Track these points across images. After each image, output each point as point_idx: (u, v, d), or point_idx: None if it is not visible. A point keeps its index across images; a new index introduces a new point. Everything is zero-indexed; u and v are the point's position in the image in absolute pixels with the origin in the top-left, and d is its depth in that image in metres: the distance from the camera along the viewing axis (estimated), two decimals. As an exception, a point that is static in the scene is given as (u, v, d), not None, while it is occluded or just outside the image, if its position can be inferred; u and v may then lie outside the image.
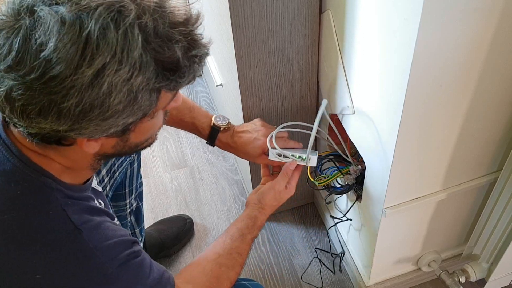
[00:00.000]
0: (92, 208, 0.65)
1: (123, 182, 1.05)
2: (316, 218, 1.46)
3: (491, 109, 0.83)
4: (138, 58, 0.49)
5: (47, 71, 0.47)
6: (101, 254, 0.61)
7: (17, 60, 0.48)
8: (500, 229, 0.94)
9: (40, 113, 0.50)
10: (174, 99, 0.61)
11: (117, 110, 0.51)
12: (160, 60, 0.51)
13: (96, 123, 0.52)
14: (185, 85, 0.57)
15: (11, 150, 0.59)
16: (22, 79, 0.48)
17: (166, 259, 1.38)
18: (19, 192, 0.59)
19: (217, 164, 1.66)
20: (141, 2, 0.50)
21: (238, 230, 0.85)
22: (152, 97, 0.53)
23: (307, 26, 0.96)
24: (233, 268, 0.80)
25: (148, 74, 0.51)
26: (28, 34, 0.48)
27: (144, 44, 0.50)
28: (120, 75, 0.49)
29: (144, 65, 0.50)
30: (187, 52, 0.53)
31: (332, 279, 1.31)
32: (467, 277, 1.07)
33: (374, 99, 0.84)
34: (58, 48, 0.47)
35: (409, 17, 0.64)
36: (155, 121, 0.61)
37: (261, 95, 1.06)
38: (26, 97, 0.49)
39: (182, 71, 0.54)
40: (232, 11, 0.88)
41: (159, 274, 0.69)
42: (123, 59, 0.49)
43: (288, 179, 0.90)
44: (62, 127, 0.51)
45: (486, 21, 0.66)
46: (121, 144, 0.60)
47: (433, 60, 0.68)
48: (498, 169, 0.97)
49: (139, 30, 0.49)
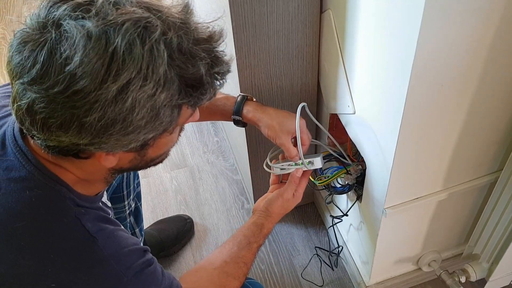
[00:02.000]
0: (104, 217, 0.65)
1: (121, 185, 1.04)
2: (316, 218, 1.46)
3: (491, 109, 0.82)
4: (163, 74, 0.49)
5: (71, 85, 0.47)
6: (116, 262, 0.61)
7: (42, 73, 0.48)
8: (501, 229, 0.94)
9: (61, 126, 0.50)
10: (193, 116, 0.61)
11: (139, 126, 0.51)
12: (184, 77, 0.51)
13: (117, 138, 0.51)
14: (206, 102, 0.57)
15: (27, 157, 0.59)
16: (46, 92, 0.48)
17: (166, 258, 1.38)
18: (34, 200, 0.58)
19: (217, 164, 1.66)
20: (166, 18, 0.51)
21: (245, 238, 0.84)
22: (173, 113, 0.54)
23: (307, 25, 0.96)
24: (238, 278, 0.80)
25: (172, 90, 0.51)
26: (54, 48, 0.48)
27: (169, 60, 0.50)
28: (145, 91, 0.49)
29: (169, 81, 0.50)
30: (210, 69, 0.54)
31: (332, 278, 1.31)
32: (468, 277, 1.07)
33: (375, 99, 0.84)
34: (83, 62, 0.47)
35: (411, 17, 0.63)
36: (173, 136, 0.61)
37: (261, 94, 1.05)
38: (48, 110, 0.49)
39: (204, 88, 0.54)
40: (232, 10, 0.87)
41: (170, 282, 0.69)
42: (148, 75, 0.49)
43: (296, 187, 0.90)
44: (82, 141, 0.51)
45: (487, 21, 0.66)
46: (138, 158, 0.60)
47: (434, 60, 0.68)
48: (499, 169, 0.97)
49: (164, 47, 0.49)
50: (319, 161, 0.91)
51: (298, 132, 0.86)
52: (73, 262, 0.59)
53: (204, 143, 1.74)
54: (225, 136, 1.74)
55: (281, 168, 0.92)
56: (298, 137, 0.86)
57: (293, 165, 0.90)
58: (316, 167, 0.91)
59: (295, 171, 0.90)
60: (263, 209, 0.89)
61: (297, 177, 0.90)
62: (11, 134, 0.61)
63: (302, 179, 0.91)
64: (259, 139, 1.18)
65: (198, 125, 1.80)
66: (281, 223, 1.45)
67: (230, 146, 1.68)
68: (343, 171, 1.02)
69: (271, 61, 0.99)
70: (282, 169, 0.91)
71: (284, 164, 0.91)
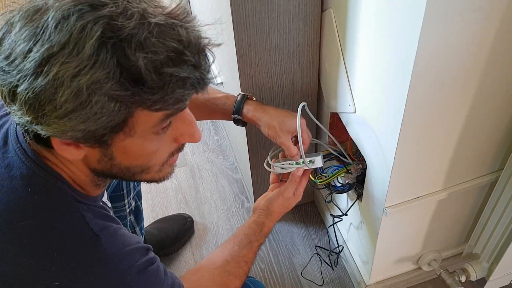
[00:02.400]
0: (107, 215, 0.65)
1: (121, 183, 1.04)
2: (316, 217, 1.46)
3: (492, 109, 0.82)
4: (90, 54, 0.46)
5: (11, 52, 0.48)
6: (119, 261, 0.60)
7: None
8: (501, 228, 0.94)
9: (9, 96, 0.50)
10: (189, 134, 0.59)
11: (68, 110, 0.48)
12: (123, 66, 0.47)
13: (53, 121, 0.49)
14: (171, 108, 0.52)
15: (27, 154, 0.59)
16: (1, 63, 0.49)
17: (166, 257, 1.37)
18: (36, 197, 0.58)
19: (217, 162, 1.66)
20: (131, 7, 0.48)
21: (246, 237, 0.84)
22: (115, 107, 0.49)
23: (308, 24, 0.95)
24: (240, 277, 0.80)
25: (101, 75, 0.47)
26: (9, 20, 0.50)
27: (102, 41, 0.46)
28: (67, 68, 0.46)
29: (100, 65, 0.46)
30: (160, 67, 0.48)
31: (332, 277, 1.31)
32: (468, 276, 1.07)
33: (375, 98, 0.84)
34: (21, 29, 0.48)
35: (412, 16, 0.63)
36: (144, 144, 0.56)
37: (262, 93, 1.05)
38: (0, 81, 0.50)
39: (148, 85, 0.48)
40: (233, 9, 0.87)
41: (172, 281, 0.69)
42: (72, 52, 0.46)
43: (296, 186, 0.90)
44: (27, 117, 0.50)
45: (488, 21, 0.66)
46: (106, 160, 0.57)
47: (435, 60, 0.68)
48: (499, 168, 0.97)
49: (101, 28, 0.46)
50: (319, 160, 0.90)
51: (299, 131, 0.86)
52: (76, 261, 0.58)
53: (204, 142, 1.74)
54: (225, 135, 1.74)
55: (281, 167, 0.91)
56: (299, 136, 0.86)
57: (293, 164, 0.90)
58: (316, 166, 0.91)
59: (295, 170, 0.90)
60: (264, 208, 0.89)
61: (298, 176, 0.90)
62: (14, 132, 0.60)
63: (302, 177, 0.91)
64: (259, 138, 1.18)
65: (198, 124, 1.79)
66: (281, 222, 1.45)
67: (230, 145, 1.68)
68: (343, 170, 1.02)
69: (271, 60, 0.99)
70: (282, 168, 0.91)
71: (285, 163, 0.91)
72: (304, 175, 0.91)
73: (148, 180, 0.63)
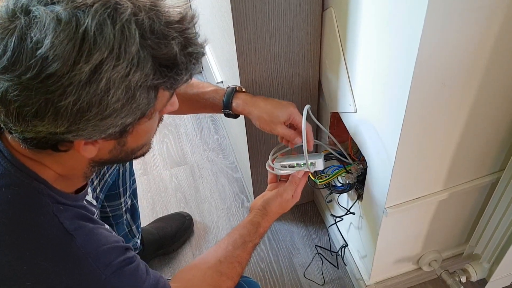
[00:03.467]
0: (84, 215, 0.64)
1: (116, 182, 1.04)
2: (316, 216, 1.45)
3: (494, 109, 0.82)
4: (135, 54, 0.49)
5: (44, 69, 0.47)
6: (93, 260, 0.60)
7: (13, 60, 0.47)
8: (502, 229, 0.93)
9: (37, 114, 0.49)
10: (170, 102, 0.61)
11: (116, 109, 0.51)
12: (157, 57, 0.51)
13: (94, 123, 0.51)
14: (182, 84, 0.57)
15: (3, 154, 0.58)
16: (18, 79, 0.47)
17: (165, 256, 1.37)
18: (10, 197, 0.57)
19: (217, 161, 1.66)
20: (136, 1, 0.51)
21: (241, 237, 0.83)
22: (150, 95, 0.53)
23: (309, 23, 0.95)
24: (232, 278, 0.79)
25: (146, 70, 0.51)
26: (24, 33, 0.47)
27: (141, 40, 0.50)
28: (118, 71, 0.49)
29: (142, 61, 0.50)
30: (183, 49, 0.53)
31: (332, 278, 1.30)
32: (468, 277, 1.06)
33: (376, 97, 0.83)
34: (54, 45, 0.46)
35: (413, 15, 0.63)
36: (152, 123, 0.60)
37: (262, 92, 1.05)
38: (22, 97, 0.48)
39: (179, 68, 0.54)
40: (233, 7, 0.87)
41: (155, 280, 0.68)
42: (120, 54, 0.48)
43: (295, 187, 0.89)
44: (59, 128, 0.50)
45: (490, 20, 0.65)
46: (118, 148, 0.60)
47: (436, 59, 0.68)
48: (501, 169, 0.96)
49: (136, 26, 0.49)
50: (321, 163, 0.90)
51: (304, 134, 0.86)
52: (48, 260, 0.58)
53: (204, 141, 1.74)
54: (225, 134, 1.73)
55: (282, 169, 0.91)
56: (304, 141, 0.86)
57: (294, 165, 0.90)
58: (317, 169, 0.91)
59: (296, 172, 0.89)
60: (260, 208, 0.88)
61: (298, 178, 0.90)
62: None
63: (301, 179, 0.91)
64: (260, 137, 1.17)
65: (198, 123, 1.80)
66: (281, 222, 1.45)
67: (230, 144, 1.68)
68: (343, 170, 1.01)
69: (272, 59, 0.99)
70: (283, 170, 0.91)
71: (286, 163, 0.91)
72: (302, 177, 0.91)
73: (140, 155, 0.66)
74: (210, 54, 1.48)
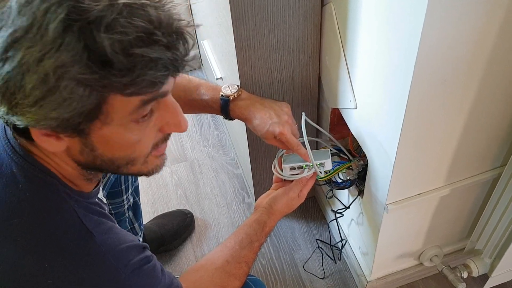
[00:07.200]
0: (101, 213, 0.63)
1: (119, 179, 1.03)
2: (317, 212, 1.45)
3: (495, 104, 0.81)
4: (55, 37, 0.44)
5: None
6: (113, 259, 0.59)
7: None
8: (503, 224, 0.93)
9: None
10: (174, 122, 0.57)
11: (37, 97, 0.47)
12: (91, 49, 0.45)
13: (25, 109, 0.48)
14: (144, 92, 0.50)
15: (15, 149, 0.57)
16: None
17: (166, 253, 1.37)
18: (28, 194, 0.57)
19: (217, 158, 1.65)
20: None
21: (247, 236, 0.82)
22: (85, 92, 0.47)
23: (308, 18, 0.94)
24: (240, 277, 0.79)
25: (67, 59, 0.45)
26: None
27: (66, 22, 0.44)
28: (31, 53, 0.45)
29: (65, 47, 0.45)
30: (128, 48, 0.46)
31: (333, 272, 1.30)
32: (469, 272, 1.06)
33: (377, 93, 0.83)
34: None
35: (414, 9, 0.62)
36: (126, 134, 0.54)
37: (262, 88, 1.04)
38: None
39: (116, 67, 0.46)
40: (232, 3, 0.86)
41: (170, 280, 0.68)
42: (36, 36, 0.45)
43: (302, 187, 0.89)
44: (1, 108, 0.49)
45: (492, 15, 0.65)
46: (88, 151, 0.55)
47: (437, 54, 0.67)
48: (502, 164, 0.96)
49: (66, 10, 0.44)
50: (329, 162, 0.90)
51: (307, 141, 0.85)
52: (70, 259, 0.57)
53: (205, 137, 1.73)
54: (225, 130, 1.73)
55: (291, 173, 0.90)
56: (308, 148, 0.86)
57: (303, 166, 0.89)
58: (327, 168, 0.91)
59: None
60: (266, 206, 0.87)
61: (306, 178, 0.89)
62: (2, 127, 0.60)
63: (309, 180, 0.90)
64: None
65: (198, 119, 1.79)
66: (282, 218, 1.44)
67: (231, 140, 1.67)
68: (344, 166, 1.01)
69: (271, 55, 0.98)
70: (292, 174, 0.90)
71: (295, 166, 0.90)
72: (311, 178, 0.90)
73: (136, 173, 0.61)
74: (210, 50, 1.47)
